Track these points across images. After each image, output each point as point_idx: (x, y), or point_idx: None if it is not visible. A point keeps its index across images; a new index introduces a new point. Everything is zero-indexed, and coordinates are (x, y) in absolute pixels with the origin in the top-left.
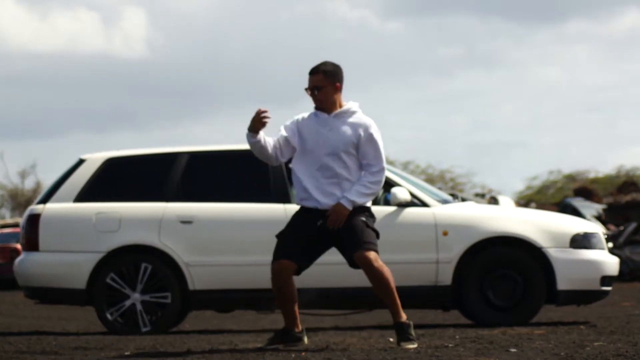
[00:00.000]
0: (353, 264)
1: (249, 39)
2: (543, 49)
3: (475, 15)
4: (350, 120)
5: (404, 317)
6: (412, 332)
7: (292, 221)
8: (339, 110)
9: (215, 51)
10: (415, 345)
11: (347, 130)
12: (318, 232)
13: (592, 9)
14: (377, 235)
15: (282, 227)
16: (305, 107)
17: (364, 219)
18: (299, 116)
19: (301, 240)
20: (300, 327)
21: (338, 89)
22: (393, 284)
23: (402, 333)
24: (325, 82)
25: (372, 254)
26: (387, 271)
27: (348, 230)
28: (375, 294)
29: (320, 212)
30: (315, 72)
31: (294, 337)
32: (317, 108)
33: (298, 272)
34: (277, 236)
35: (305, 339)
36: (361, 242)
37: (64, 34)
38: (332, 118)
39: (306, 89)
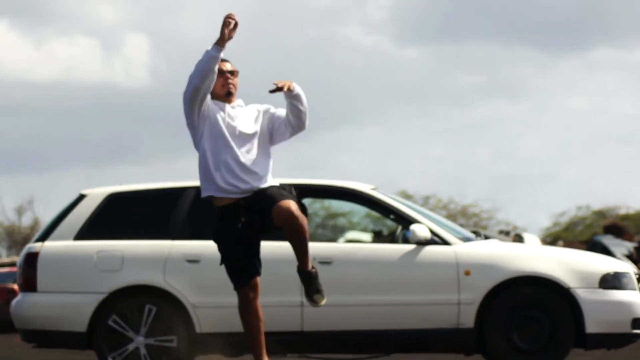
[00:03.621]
0: (272, 225)
1: (258, 64)
2: (568, 77)
3: (497, 42)
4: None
5: (311, 266)
6: (320, 284)
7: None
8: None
9: None
10: (324, 301)
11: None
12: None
13: (619, 36)
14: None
15: (294, 264)
16: (322, 135)
17: (277, 186)
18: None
19: (243, 249)
20: None
21: None
22: None
23: (312, 284)
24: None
25: (292, 203)
26: (305, 220)
27: (264, 197)
28: (292, 241)
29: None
30: (225, 59)
31: None
32: (227, 94)
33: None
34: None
35: None
36: (279, 195)
37: (61, 62)
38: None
39: (227, 72)
